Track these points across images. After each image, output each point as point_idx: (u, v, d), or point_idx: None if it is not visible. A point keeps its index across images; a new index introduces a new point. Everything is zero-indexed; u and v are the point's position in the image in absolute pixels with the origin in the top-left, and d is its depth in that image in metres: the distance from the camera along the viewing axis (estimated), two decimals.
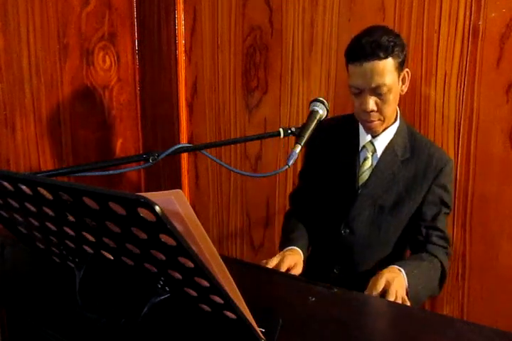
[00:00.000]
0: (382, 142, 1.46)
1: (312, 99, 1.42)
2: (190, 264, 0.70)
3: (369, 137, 1.47)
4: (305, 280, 1.20)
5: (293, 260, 1.36)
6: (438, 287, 1.44)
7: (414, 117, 1.80)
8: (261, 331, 0.83)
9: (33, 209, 0.85)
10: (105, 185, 2.38)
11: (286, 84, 2.10)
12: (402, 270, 1.29)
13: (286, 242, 1.52)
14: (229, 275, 0.76)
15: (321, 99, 1.39)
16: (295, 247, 1.46)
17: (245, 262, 1.39)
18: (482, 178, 1.71)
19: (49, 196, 0.76)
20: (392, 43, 1.31)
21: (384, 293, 1.20)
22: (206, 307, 0.83)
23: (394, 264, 1.33)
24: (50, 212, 0.82)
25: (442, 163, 1.43)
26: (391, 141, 1.45)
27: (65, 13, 2.15)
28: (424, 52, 1.75)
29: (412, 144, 1.46)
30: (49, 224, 0.88)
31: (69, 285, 0.94)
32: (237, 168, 2.04)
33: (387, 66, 1.32)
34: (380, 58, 1.30)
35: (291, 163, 1.23)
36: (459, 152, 1.74)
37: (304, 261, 1.43)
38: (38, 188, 0.75)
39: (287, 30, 2.05)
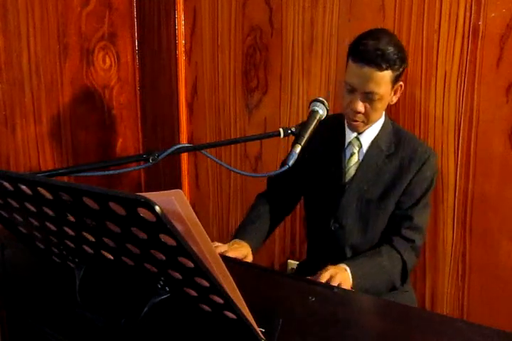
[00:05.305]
0: (367, 137, 1.49)
1: (312, 99, 1.42)
2: (190, 264, 0.70)
3: (355, 133, 1.51)
4: (305, 280, 1.20)
5: (240, 254, 1.40)
6: (399, 280, 1.45)
7: (414, 117, 1.79)
8: (261, 331, 0.83)
9: (33, 209, 0.85)
10: (105, 185, 2.38)
11: (286, 84, 2.10)
12: (347, 269, 1.33)
13: (239, 232, 1.54)
14: (229, 275, 0.76)
15: (321, 99, 1.39)
16: (242, 241, 1.48)
17: (245, 262, 1.40)
18: (482, 178, 1.71)
19: (49, 196, 0.76)
20: (396, 56, 1.34)
21: None
22: (206, 307, 0.83)
23: (343, 262, 1.36)
24: (50, 212, 0.82)
25: (425, 156, 1.46)
26: (376, 136, 1.50)
27: (65, 13, 2.15)
28: (424, 52, 1.75)
29: (396, 139, 1.50)
30: (49, 224, 0.87)
31: (69, 285, 0.94)
32: (237, 168, 2.04)
33: (385, 77, 1.35)
34: (381, 69, 1.34)
35: (291, 163, 1.23)
36: (459, 152, 1.74)
37: (254, 252, 1.45)
38: (38, 188, 0.75)
39: (287, 30, 2.05)
